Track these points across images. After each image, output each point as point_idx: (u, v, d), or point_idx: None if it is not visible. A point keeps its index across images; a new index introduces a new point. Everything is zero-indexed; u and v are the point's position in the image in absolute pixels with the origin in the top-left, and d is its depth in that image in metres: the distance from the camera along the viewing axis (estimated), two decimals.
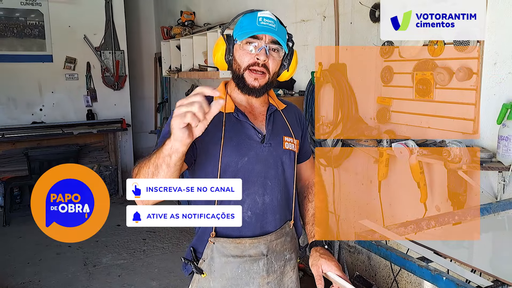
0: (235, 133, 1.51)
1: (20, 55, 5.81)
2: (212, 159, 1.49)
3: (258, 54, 1.47)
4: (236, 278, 1.53)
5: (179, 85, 6.51)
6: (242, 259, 1.52)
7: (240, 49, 1.50)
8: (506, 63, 2.16)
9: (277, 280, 1.59)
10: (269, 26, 1.47)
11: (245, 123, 1.53)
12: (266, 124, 1.57)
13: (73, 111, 6.20)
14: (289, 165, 1.59)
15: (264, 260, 1.54)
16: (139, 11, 7.35)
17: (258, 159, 1.52)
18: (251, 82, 1.49)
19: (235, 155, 1.49)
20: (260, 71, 1.48)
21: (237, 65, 1.51)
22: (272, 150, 1.54)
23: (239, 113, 1.54)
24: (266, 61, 1.48)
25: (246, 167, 1.50)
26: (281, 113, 1.63)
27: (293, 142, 1.60)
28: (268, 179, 1.54)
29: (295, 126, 1.66)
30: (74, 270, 3.90)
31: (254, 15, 1.49)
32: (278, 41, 1.48)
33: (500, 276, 1.18)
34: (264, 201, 1.53)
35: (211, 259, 1.53)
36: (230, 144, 1.49)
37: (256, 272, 1.54)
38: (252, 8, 1.58)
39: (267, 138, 1.54)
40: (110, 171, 6.00)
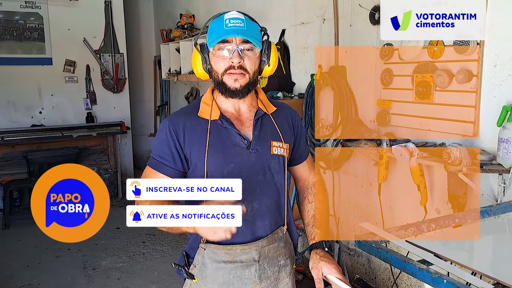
0: (220, 140, 1.50)
1: (19, 58, 5.81)
2: (198, 167, 1.50)
3: (232, 57, 1.45)
4: (227, 283, 1.52)
5: (179, 88, 6.51)
6: (234, 265, 1.51)
7: (214, 56, 1.48)
8: (506, 66, 2.16)
9: (272, 286, 1.57)
10: (236, 27, 1.44)
11: (231, 130, 1.52)
12: (253, 129, 1.54)
13: (72, 114, 6.20)
14: (278, 170, 1.57)
15: (256, 266, 1.53)
16: (139, 14, 7.36)
17: (244, 166, 1.50)
18: (231, 85, 1.47)
19: (220, 162, 1.49)
20: (238, 73, 1.46)
21: (215, 72, 1.50)
22: (259, 156, 1.52)
23: (223, 120, 1.52)
24: (241, 62, 1.46)
25: (232, 174, 1.47)
26: (270, 117, 1.60)
27: (282, 147, 1.57)
28: (256, 185, 1.52)
29: (286, 129, 1.62)
30: (73, 273, 3.89)
31: (221, 19, 1.47)
32: (249, 41, 1.45)
33: (501, 279, 1.17)
34: (253, 207, 1.51)
35: (202, 264, 1.53)
36: (215, 151, 1.49)
37: (248, 278, 1.52)
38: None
39: (253, 144, 1.52)
40: (110, 174, 6.00)
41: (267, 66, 1.54)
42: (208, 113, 1.54)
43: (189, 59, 4.99)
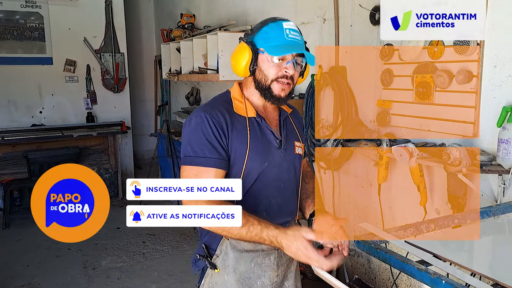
0: (258, 138, 1.55)
1: (20, 57, 5.82)
2: (237, 162, 1.52)
3: (287, 67, 1.51)
4: (248, 271, 1.57)
5: (179, 87, 6.51)
6: (255, 253, 1.57)
7: (268, 61, 1.51)
8: (506, 66, 2.16)
9: (284, 273, 1.67)
10: (296, 40, 1.50)
11: (266, 128, 1.58)
12: (281, 129, 1.62)
13: (73, 114, 6.21)
14: (298, 168, 1.68)
15: (275, 254, 1.60)
16: (139, 13, 7.36)
17: (275, 164, 1.58)
18: (278, 93, 1.53)
19: (258, 160, 1.54)
20: (287, 82, 1.52)
21: (263, 76, 1.53)
22: (287, 155, 1.61)
23: (261, 119, 1.57)
24: (293, 73, 1.53)
25: (265, 172, 1.55)
26: (290, 118, 1.69)
27: (301, 147, 1.69)
28: (282, 182, 1.60)
29: (300, 129, 1.73)
30: (73, 273, 3.89)
31: (280, 26, 1.50)
32: (304, 54, 1.52)
33: (500, 280, 1.17)
34: (278, 202, 1.59)
35: (225, 254, 1.57)
36: (255, 149, 1.53)
37: (267, 265, 1.60)
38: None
39: (283, 144, 1.60)
40: (110, 174, 6.00)
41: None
42: (243, 110, 1.57)
43: (189, 59, 4.98)
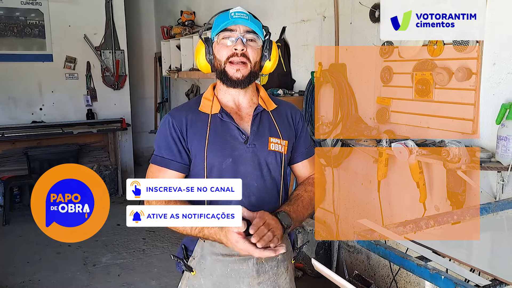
0: (219, 134, 1.53)
1: (20, 54, 5.81)
2: (198, 160, 1.52)
3: (235, 44, 1.49)
4: (225, 276, 1.53)
5: (179, 84, 6.51)
6: (231, 258, 1.52)
7: (218, 44, 1.52)
8: (505, 64, 2.16)
9: (271, 281, 1.57)
10: (241, 18, 1.49)
11: (230, 124, 1.54)
12: (251, 124, 1.56)
13: (73, 111, 6.20)
14: (275, 166, 1.58)
15: (253, 260, 1.53)
16: (140, 10, 7.35)
17: (242, 160, 1.52)
18: (233, 74, 1.50)
19: (219, 156, 1.51)
20: (241, 61, 1.50)
21: (218, 61, 1.53)
22: (256, 151, 1.54)
23: (223, 114, 1.55)
24: (244, 50, 1.49)
25: (230, 168, 1.51)
26: (269, 114, 1.61)
27: (280, 143, 1.58)
28: (254, 180, 1.53)
29: (286, 126, 1.63)
30: (74, 270, 3.90)
31: (226, 13, 1.52)
32: (253, 30, 1.50)
33: (499, 275, 1.18)
34: (251, 201, 1.51)
35: (201, 257, 1.55)
36: (214, 145, 1.51)
37: (245, 272, 1.53)
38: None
39: (250, 139, 1.54)
40: (110, 171, 6.00)
41: (268, 61, 1.57)
42: (208, 108, 1.56)
43: (189, 56, 5.00)
